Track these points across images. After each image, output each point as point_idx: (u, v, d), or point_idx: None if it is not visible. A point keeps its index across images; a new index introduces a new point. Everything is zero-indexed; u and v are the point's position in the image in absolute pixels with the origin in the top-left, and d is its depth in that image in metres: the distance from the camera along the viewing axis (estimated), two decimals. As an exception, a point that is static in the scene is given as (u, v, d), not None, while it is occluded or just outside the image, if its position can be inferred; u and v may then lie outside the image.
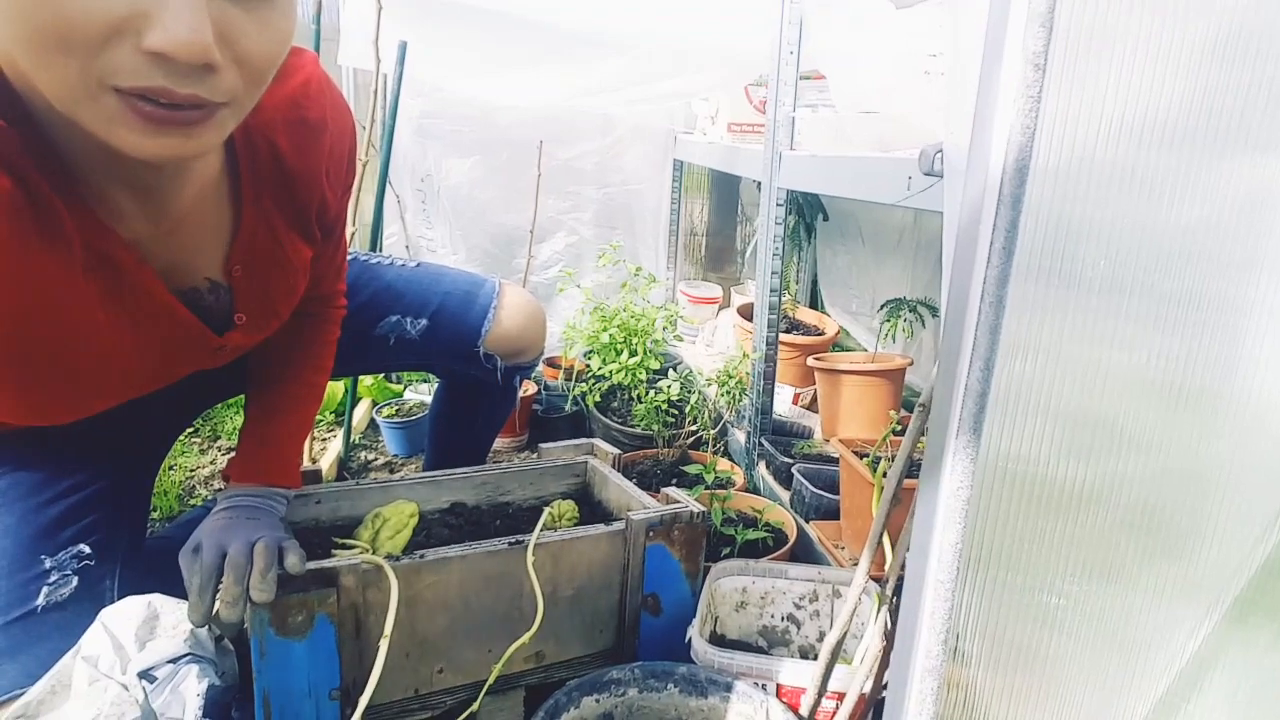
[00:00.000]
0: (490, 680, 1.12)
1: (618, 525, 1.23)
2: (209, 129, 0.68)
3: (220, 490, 1.15)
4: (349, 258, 1.33)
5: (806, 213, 2.53)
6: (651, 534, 1.23)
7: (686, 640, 1.16)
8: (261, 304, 1.04)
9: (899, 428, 1.51)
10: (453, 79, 2.72)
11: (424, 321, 1.43)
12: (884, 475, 1.09)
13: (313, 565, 1.02)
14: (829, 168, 1.54)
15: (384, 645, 1.00)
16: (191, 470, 2.03)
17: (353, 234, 2.15)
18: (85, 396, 0.98)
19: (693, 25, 2.52)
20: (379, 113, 1.97)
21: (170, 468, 1.89)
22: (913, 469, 0.89)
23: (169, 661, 1.09)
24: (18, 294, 0.76)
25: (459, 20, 2.53)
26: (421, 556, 1.10)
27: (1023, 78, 0.47)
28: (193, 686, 1.06)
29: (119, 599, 1.06)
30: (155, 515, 1.81)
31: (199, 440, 2.24)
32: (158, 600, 1.16)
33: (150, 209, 0.85)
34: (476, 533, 1.33)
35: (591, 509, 1.48)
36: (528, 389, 2.42)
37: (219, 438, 2.22)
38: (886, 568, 0.96)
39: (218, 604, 0.97)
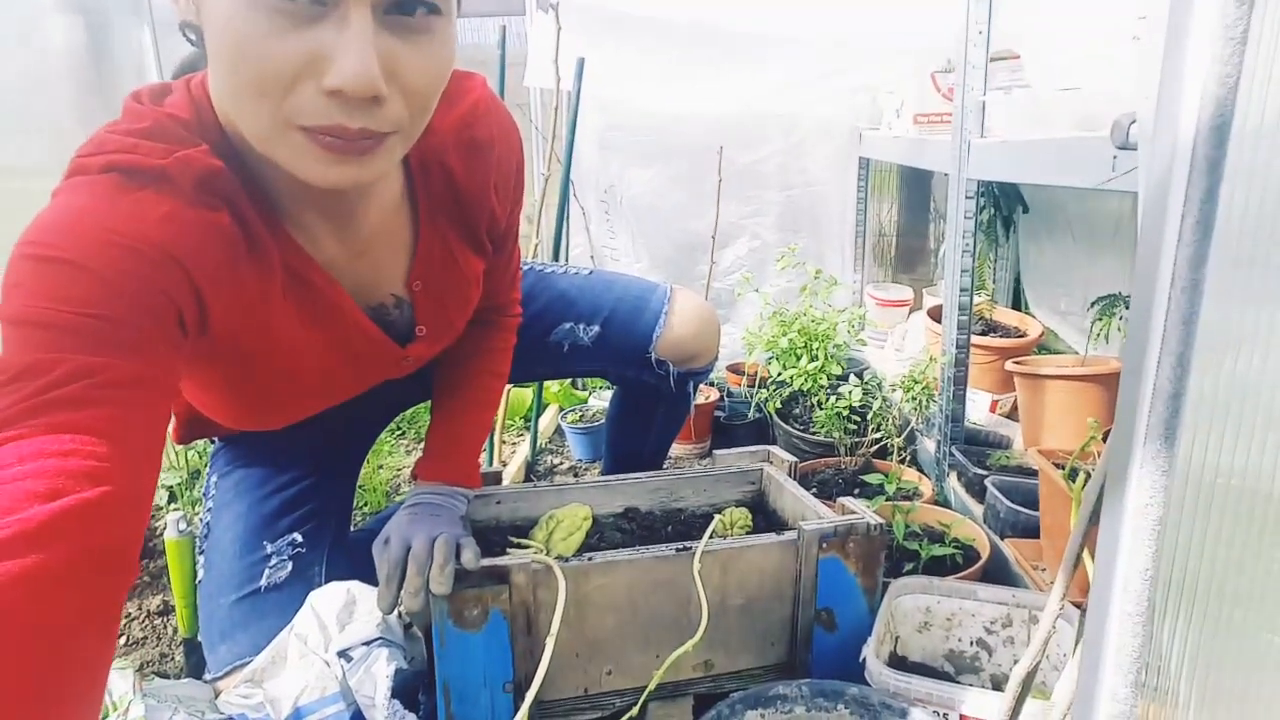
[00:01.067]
0: (652, 685, 1.12)
1: (789, 535, 1.19)
2: (380, 156, 0.76)
3: (411, 487, 1.24)
4: (524, 268, 1.39)
5: (1004, 205, 2.35)
6: (825, 545, 1.18)
7: (861, 660, 1.10)
8: (439, 316, 1.11)
9: (1099, 435, 1.35)
10: (634, 92, 2.79)
11: (596, 328, 1.45)
12: (1083, 488, 0.97)
13: (486, 562, 1.06)
14: (1021, 154, 1.41)
15: (550, 643, 1.03)
16: (398, 469, 2.21)
17: (536, 245, 2.25)
18: (290, 403, 1.11)
19: (873, 14, 2.42)
20: (560, 128, 2.05)
21: (379, 467, 2.06)
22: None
23: (363, 644, 1.18)
24: (235, 314, 0.86)
25: (637, 34, 2.58)
26: (590, 559, 1.12)
27: (1221, 14, 0.39)
28: (383, 669, 1.15)
29: (325, 584, 1.16)
30: (365, 509, 1.99)
31: (405, 442, 2.42)
32: (356, 587, 1.26)
33: (341, 233, 0.93)
34: (649, 538, 1.34)
35: (766, 517, 1.44)
36: (709, 395, 2.41)
37: (422, 440, 2.40)
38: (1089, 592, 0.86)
39: (402, 593, 1.04)
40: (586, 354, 1.47)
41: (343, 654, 1.16)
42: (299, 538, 1.25)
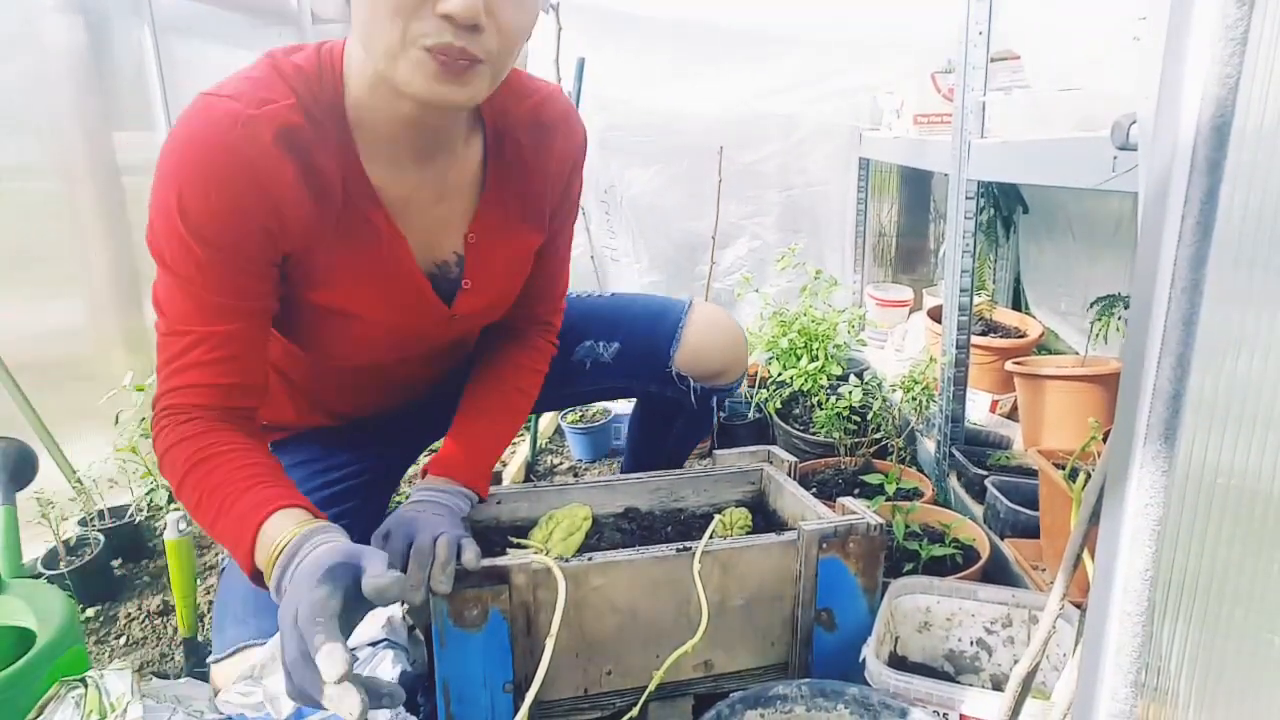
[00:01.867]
0: (653, 685, 1.12)
1: (789, 535, 1.19)
2: (473, 81, 0.90)
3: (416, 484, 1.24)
4: None
5: (1004, 205, 2.35)
6: (825, 545, 1.18)
7: (861, 660, 1.10)
8: (487, 273, 1.16)
9: (1099, 435, 1.35)
10: (634, 92, 2.79)
11: (616, 344, 1.46)
12: (1083, 488, 0.97)
13: (486, 562, 1.06)
14: (1022, 154, 1.41)
15: (550, 643, 1.03)
16: (398, 470, 2.21)
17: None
18: (340, 347, 1.15)
19: (873, 14, 2.42)
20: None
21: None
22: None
23: (369, 644, 1.18)
24: (299, 251, 1.00)
25: (637, 34, 2.59)
26: (589, 559, 1.12)
27: (1221, 14, 0.39)
28: (387, 670, 1.15)
29: None
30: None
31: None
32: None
33: (422, 174, 1.05)
34: (649, 538, 1.34)
35: (766, 518, 1.44)
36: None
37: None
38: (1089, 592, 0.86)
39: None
40: (609, 371, 1.47)
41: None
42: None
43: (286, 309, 1.07)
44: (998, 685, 1.22)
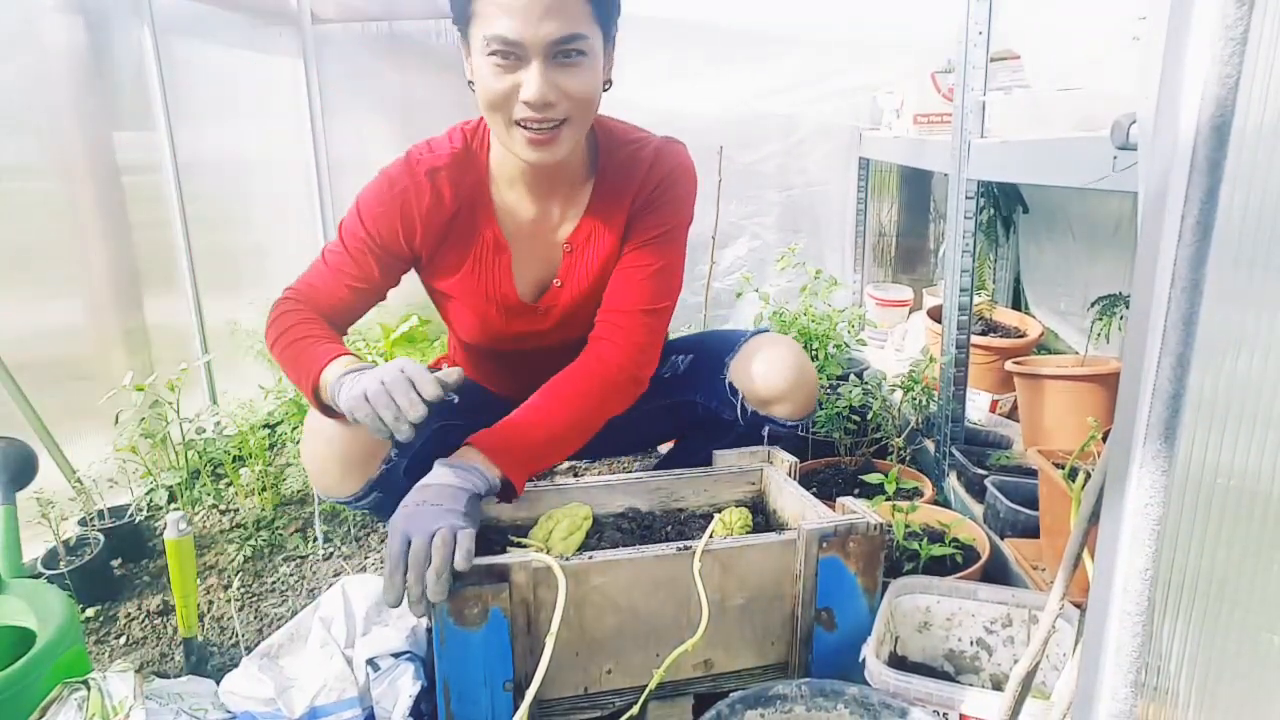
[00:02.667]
0: (652, 684, 1.12)
1: (789, 534, 1.19)
2: (559, 143, 1.26)
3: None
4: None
5: (1003, 205, 2.35)
6: (825, 545, 1.18)
7: (861, 659, 1.10)
8: (577, 276, 1.45)
9: (1099, 435, 1.35)
10: (634, 91, 2.77)
11: (690, 356, 1.63)
12: (1083, 488, 0.97)
13: (486, 560, 1.06)
14: (1021, 153, 1.41)
15: (550, 642, 1.03)
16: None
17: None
18: (460, 325, 1.51)
19: (873, 14, 2.42)
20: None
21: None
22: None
23: (392, 655, 1.19)
24: (433, 250, 1.41)
25: (637, 34, 2.57)
26: (590, 558, 1.12)
27: (1221, 14, 0.39)
28: (407, 685, 1.16)
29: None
30: (365, 510, 1.99)
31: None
32: None
33: (541, 207, 1.43)
34: (649, 537, 1.34)
35: (766, 517, 1.44)
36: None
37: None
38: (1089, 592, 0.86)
39: (406, 598, 1.03)
40: (678, 383, 1.60)
41: (370, 662, 1.17)
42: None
43: (431, 293, 1.51)
44: (998, 685, 1.22)
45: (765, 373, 1.48)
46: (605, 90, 1.31)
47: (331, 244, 1.40)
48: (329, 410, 1.22)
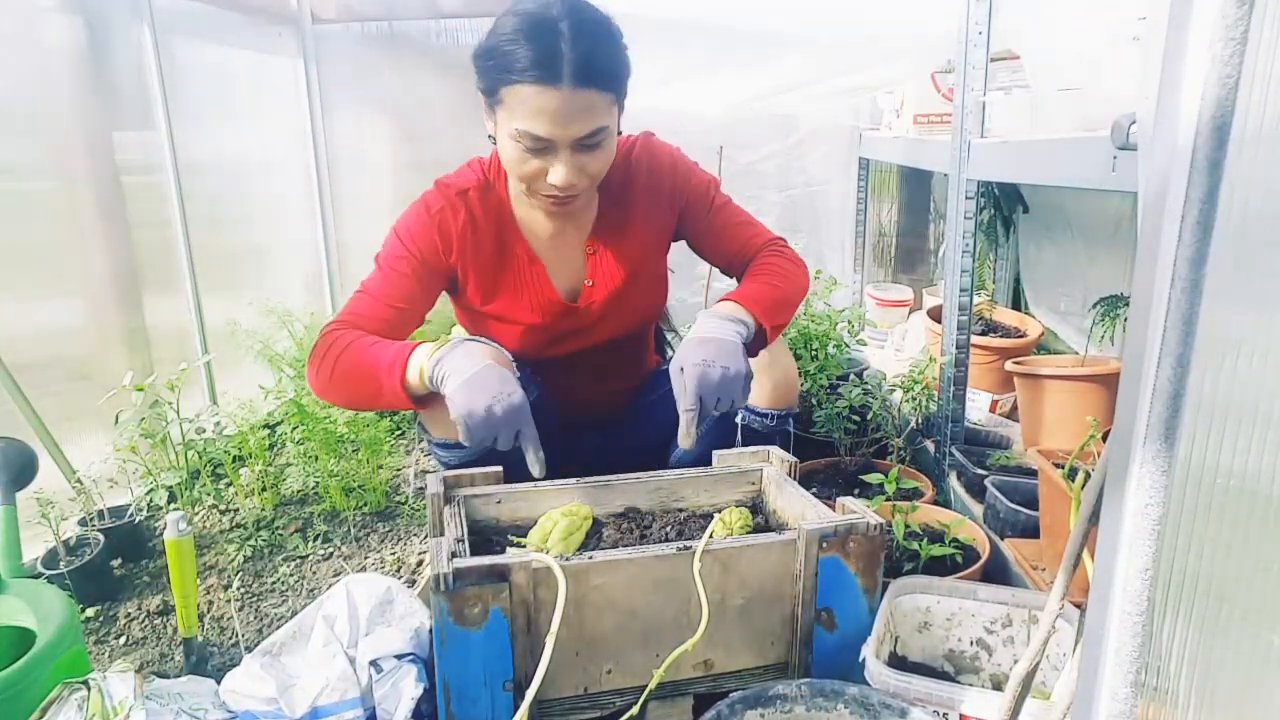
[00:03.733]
0: (652, 684, 1.12)
1: (789, 534, 1.19)
2: (575, 204, 1.43)
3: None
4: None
5: (1004, 205, 2.35)
6: (825, 545, 1.18)
7: (861, 659, 1.10)
8: (606, 272, 1.55)
9: (1099, 435, 1.35)
10: (634, 91, 2.78)
11: None
12: (1083, 488, 0.97)
13: (486, 561, 1.06)
14: (1021, 154, 1.41)
15: (550, 642, 1.03)
16: (397, 470, 2.21)
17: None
18: (506, 341, 1.50)
19: (873, 14, 2.42)
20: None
21: (379, 467, 2.07)
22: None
23: (395, 657, 1.19)
24: (470, 269, 1.51)
25: (638, 34, 2.57)
26: (590, 558, 1.12)
27: (1221, 14, 0.39)
28: (410, 687, 1.15)
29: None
30: (364, 509, 2.00)
31: (404, 442, 2.43)
32: (396, 586, 1.27)
33: (558, 222, 1.53)
34: (649, 537, 1.34)
35: (766, 517, 1.44)
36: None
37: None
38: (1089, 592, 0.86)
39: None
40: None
41: (374, 663, 1.17)
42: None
43: (470, 318, 1.59)
44: (998, 685, 1.22)
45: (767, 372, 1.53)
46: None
47: (369, 277, 1.48)
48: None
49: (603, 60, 1.28)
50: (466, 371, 1.23)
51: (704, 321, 1.35)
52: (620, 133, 1.44)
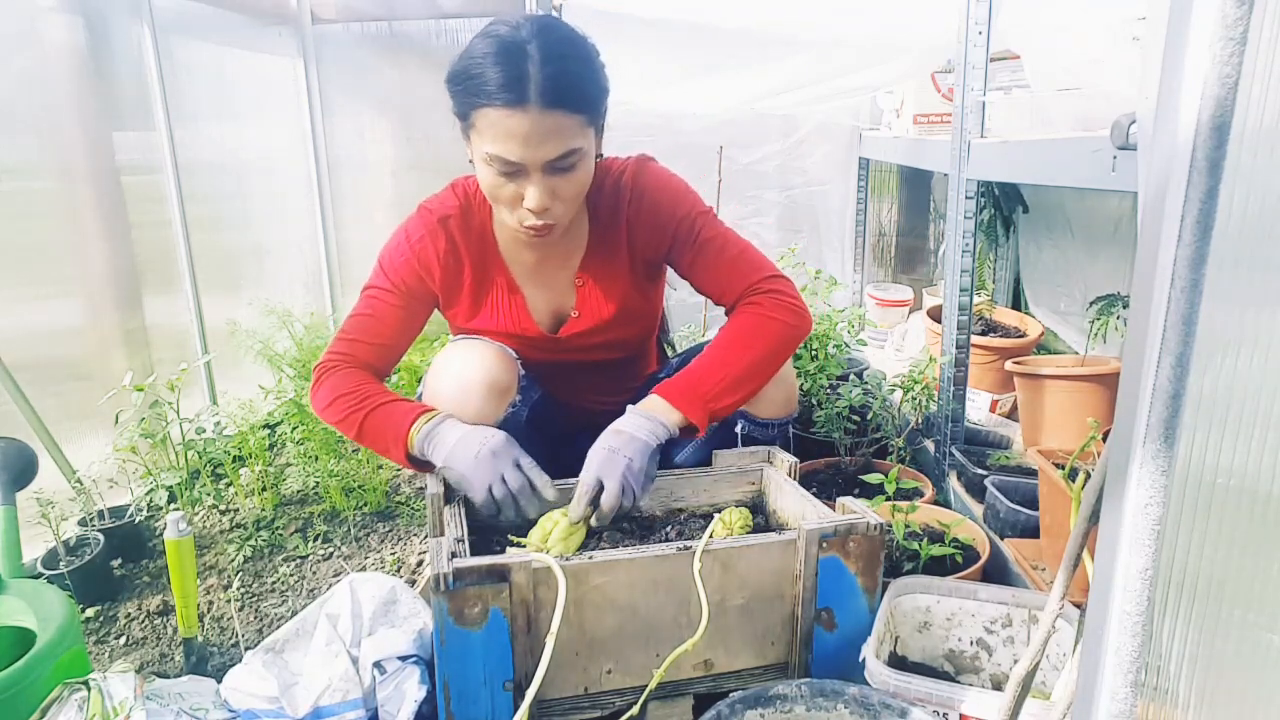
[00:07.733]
0: (652, 684, 1.12)
1: (789, 534, 1.19)
2: (552, 236, 1.38)
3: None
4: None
5: (1004, 205, 2.35)
6: (825, 545, 1.18)
7: (861, 659, 1.10)
8: (594, 305, 1.54)
9: (1099, 435, 1.35)
10: (634, 92, 2.78)
11: (684, 359, 1.64)
12: (1083, 488, 0.97)
13: (486, 560, 1.06)
14: (1021, 154, 1.41)
15: (550, 642, 1.03)
16: (396, 470, 2.21)
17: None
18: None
19: (873, 14, 2.42)
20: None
21: (379, 466, 2.07)
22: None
23: (399, 658, 1.19)
24: (451, 293, 1.52)
25: (638, 35, 2.58)
26: (590, 558, 1.12)
27: (1221, 14, 0.39)
28: (413, 689, 1.15)
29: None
30: (364, 508, 2.00)
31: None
32: (400, 586, 1.26)
33: (543, 252, 1.50)
34: (649, 538, 1.34)
35: (766, 517, 1.44)
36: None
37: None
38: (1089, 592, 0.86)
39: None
40: None
41: (377, 664, 1.17)
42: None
43: (457, 329, 1.58)
44: (998, 685, 1.22)
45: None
46: (597, 159, 1.39)
47: (361, 304, 1.50)
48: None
49: (573, 81, 1.26)
50: (449, 442, 1.30)
51: (627, 415, 1.34)
52: (601, 155, 1.41)
